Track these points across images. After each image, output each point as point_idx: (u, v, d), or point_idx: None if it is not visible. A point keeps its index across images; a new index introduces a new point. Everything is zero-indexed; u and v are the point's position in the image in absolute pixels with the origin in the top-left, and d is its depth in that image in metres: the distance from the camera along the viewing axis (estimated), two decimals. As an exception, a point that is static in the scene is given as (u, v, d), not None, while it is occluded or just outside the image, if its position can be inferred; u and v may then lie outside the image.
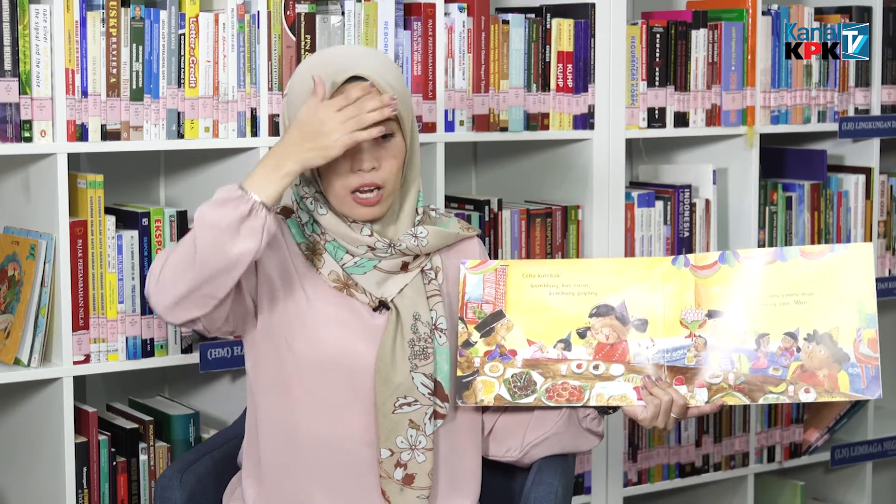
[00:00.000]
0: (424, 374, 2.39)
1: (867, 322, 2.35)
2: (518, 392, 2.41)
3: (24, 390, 2.94)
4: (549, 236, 3.39)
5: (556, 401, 2.40)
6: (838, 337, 2.35)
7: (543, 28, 3.32)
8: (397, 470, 2.37)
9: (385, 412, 2.36)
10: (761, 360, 2.37)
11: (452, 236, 2.49)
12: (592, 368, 2.40)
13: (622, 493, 3.55)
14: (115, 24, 2.83)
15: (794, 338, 2.36)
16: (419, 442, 2.38)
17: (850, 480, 4.03)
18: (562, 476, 2.49)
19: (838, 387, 2.35)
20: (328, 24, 3.04)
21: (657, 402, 2.37)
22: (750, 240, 3.66)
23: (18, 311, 2.85)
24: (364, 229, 2.40)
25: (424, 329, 2.40)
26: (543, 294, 2.42)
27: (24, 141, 2.78)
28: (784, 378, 2.36)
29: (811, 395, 2.35)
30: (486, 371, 2.41)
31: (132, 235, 2.91)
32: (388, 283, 2.42)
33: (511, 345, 2.42)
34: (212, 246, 2.22)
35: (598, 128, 3.41)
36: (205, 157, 3.13)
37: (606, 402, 2.40)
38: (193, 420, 3.08)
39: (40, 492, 2.95)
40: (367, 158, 2.35)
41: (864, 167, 3.88)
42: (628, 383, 2.39)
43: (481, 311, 2.43)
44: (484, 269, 2.45)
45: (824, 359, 2.35)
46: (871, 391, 2.34)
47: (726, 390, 2.37)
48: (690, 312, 2.39)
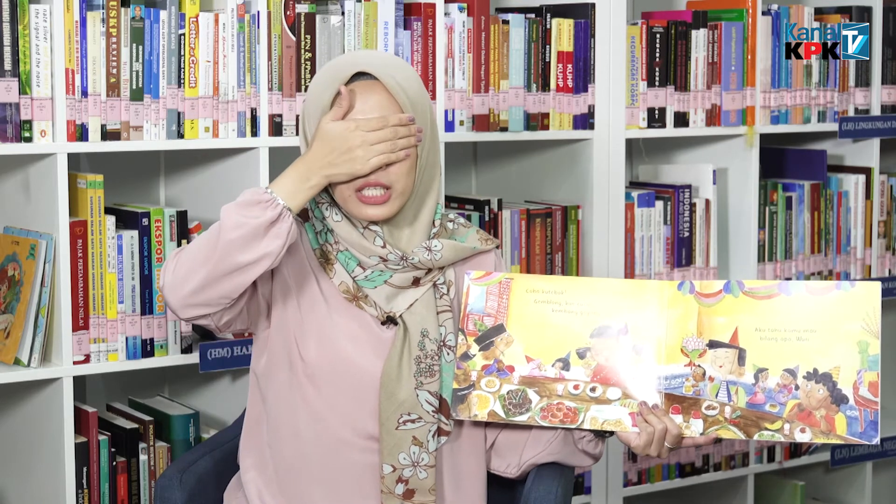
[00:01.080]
0: (429, 392, 2.36)
1: (869, 364, 2.30)
2: (512, 409, 2.37)
3: (24, 390, 2.94)
4: (549, 236, 3.39)
5: (550, 421, 2.37)
6: (838, 377, 2.30)
7: (543, 28, 3.32)
8: (398, 485, 2.36)
9: (389, 428, 2.34)
10: (758, 395, 2.32)
11: (468, 250, 2.45)
12: (589, 391, 2.36)
13: (622, 493, 3.55)
14: (115, 24, 2.83)
15: (794, 375, 2.31)
16: (422, 459, 2.36)
17: (850, 480, 4.03)
18: (561, 477, 2.49)
19: (835, 429, 2.29)
20: (328, 24, 3.04)
21: (650, 430, 2.33)
22: (750, 240, 3.66)
23: (18, 311, 2.85)
24: (377, 240, 2.37)
25: (432, 346, 2.38)
26: (546, 311, 2.39)
27: (24, 141, 2.78)
28: (780, 416, 2.31)
29: (807, 435, 2.30)
30: (482, 385, 2.38)
31: (132, 235, 2.91)
32: (398, 298, 2.39)
33: (509, 360, 2.38)
34: (235, 245, 2.23)
35: (598, 128, 3.41)
36: (205, 157, 3.13)
37: (601, 426, 2.36)
38: (193, 420, 3.08)
39: (40, 492, 2.95)
40: None
41: (864, 167, 3.88)
42: (624, 408, 2.35)
43: (482, 324, 2.40)
44: (488, 280, 2.41)
45: (822, 399, 2.30)
46: (868, 436, 2.29)
47: (722, 423, 2.33)
48: (692, 341, 2.35)
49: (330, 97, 2.33)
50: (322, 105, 2.33)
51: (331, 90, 2.33)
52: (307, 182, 2.27)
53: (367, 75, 2.33)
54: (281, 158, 2.99)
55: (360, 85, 2.33)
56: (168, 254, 2.93)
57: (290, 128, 3.02)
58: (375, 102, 2.32)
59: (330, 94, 2.33)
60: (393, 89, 2.32)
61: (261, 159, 3.00)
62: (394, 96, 2.32)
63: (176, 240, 2.94)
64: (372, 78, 2.33)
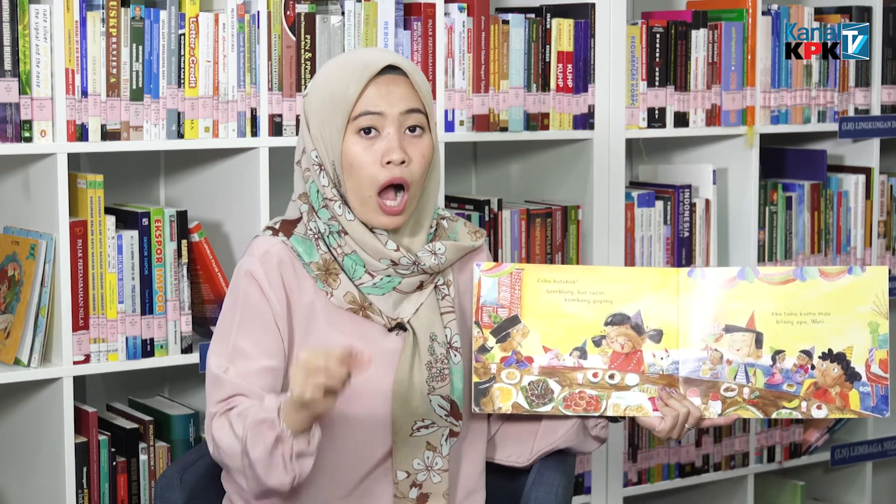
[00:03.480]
0: (441, 396, 2.35)
1: (879, 343, 2.41)
2: (536, 400, 2.40)
3: (24, 390, 2.94)
4: (549, 236, 3.38)
5: (574, 410, 2.40)
6: (851, 356, 2.41)
7: (543, 28, 3.32)
8: (412, 490, 2.35)
9: (403, 436, 2.33)
10: (776, 376, 2.40)
11: (467, 249, 2.43)
12: (608, 378, 2.40)
13: (622, 493, 3.55)
14: (115, 24, 2.83)
15: (810, 355, 2.41)
16: (435, 463, 2.35)
17: (850, 480, 4.03)
18: (562, 476, 2.49)
19: (849, 404, 2.40)
20: (328, 24, 3.04)
21: (675, 414, 2.37)
22: (750, 240, 3.66)
23: (18, 311, 2.85)
24: (389, 243, 2.32)
25: (441, 350, 2.36)
26: (559, 300, 2.41)
27: (24, 141, 2.78)
28: (797, 394, 2.40)
29: (823, 411, 2.41)
30: (502, 378, 2.40)
31: (132, 235, 2.91)
32: (403, 304, 2.36)
33: (527, 351, 2.40)
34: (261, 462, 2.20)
35: (598, 128, 3.41)
36: (205, 157, 3.13)
37: (623, 413, 2.40)
38: (193, 420, 3.08)
39: (40, 492, 2.95)
40: (398, 150, 2.28)
41: (864, 167, 3.88)
42: (643, 394, 2.40)
43: (497, 316, 2.41)
44: (499, 272, 2.42)
45: (837, 377, 2.41)
46: (879, 410, 2.41)
47: (740, 404, 2.40)
48: (708, 325, 2.40)
49: (357, 91, 2.28)
50: (348, 98, 2.28)
51: (357, 83, 2.28)
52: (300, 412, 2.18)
53: (393, 68, 2.31)
54: (281, 158, 3.00)
55: (385, 79, 2.30)
56: (168, 255, 2.92)
57: (290, 128, 3.02)
58: (401, 95, 2.30)
59: (357, 88, 2.28)
60: (417, 84, 2.32)
61: (261, 159, 3.00)
62: (417, 91, 2.32)
63: (176, 240, 2.94)
64: (399, 73, 2.31)
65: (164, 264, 2.93)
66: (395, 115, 2.29)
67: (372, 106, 2.29)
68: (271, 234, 2.36)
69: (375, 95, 2.29)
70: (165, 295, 2.94)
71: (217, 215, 3.13)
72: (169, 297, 2.94)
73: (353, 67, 2.31)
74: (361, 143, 2.30)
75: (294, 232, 2.35)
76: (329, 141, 2.31)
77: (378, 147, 2.29)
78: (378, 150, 2.29)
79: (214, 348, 2.32)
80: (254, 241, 2.37)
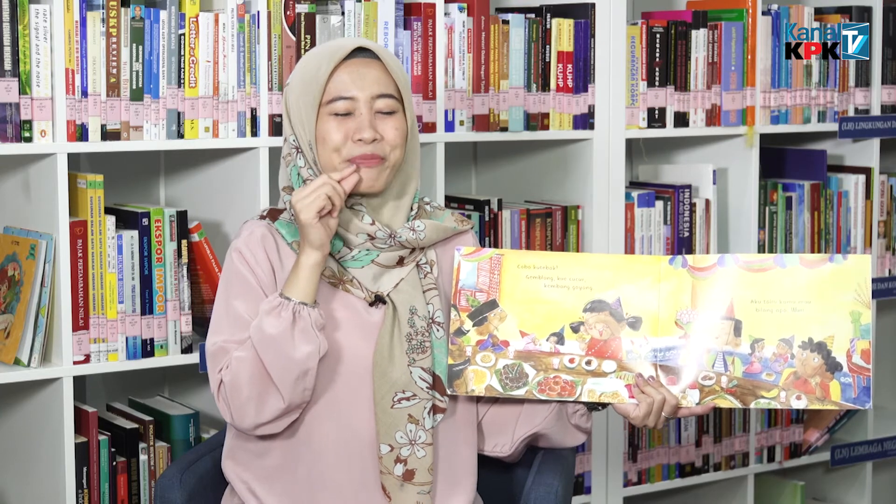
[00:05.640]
0: (422, 368, 2.38)
1: (861, 333, 2.37)
2: (509, 384, 2.40)
3: (24, 390, 2.94)
4: (549, 236, 3.39)
5: (548, 394, 2.40)
6: (832, 346, 2.37)
7: (543, 28, 3.32)
8: (397, 465, 2.37)
9: (384, 407, 2.36)
10: (755, 365, 2.37)
11: (449, 230, 2.48)
12: (585, 364, 2.40)
13: (622, 493, 3.55)
14: (115, 24, 2.83)
15: (789, 344, 2.37)
16: (419, 437, 2.38)
17: (850, 480, 4.03)
18: (562, 476, 2.49)
19: (829, 395, 2.36)
20: (328, 24, 3.04)
21: (650, 401, 2.37)
22: (750, 240, 3.66)
23: (18, 311, 2.85)
24: (364, 217, 2.40)
25: (421, 323, 2.40)
26: (538, 286, 2.42)
27: (24, 141, 2.78)
28: (776, 384, 2.37)
29: (802, 402, 2.37)
30: (477, 361, 2.41)
31: (132, 235, 2.91)
32: (383, 278, 2.42)
33: (503, 335, 2.41)
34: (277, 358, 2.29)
35: (598, 128, 3.41)
36: (205, 157, 3.13)
37: (598, 399, 2.40)
38: (193, 420, 3.08)
39: (40, 492, 2.95)
40: (368, 128, 2.36)
41: (864, 167, 3.88)
42: (620, 380, 2.39)
43: (474, 300, 2.42)
44: (479, 256, 2.44)
45: (817, 367, 2.37)
46: (861, 401, 2.36)
47: (718, 393, 2.38)
48: (686, 313, 2.39)
49: (327, 71, 2.36)
50: (319, 78, 2.36)
51: (328, 64, 2.36)
52: (299, 269, 2.33)
53: (365, 52, 2.39)
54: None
55: (357, 62, 2.38)
56: (168, 255, 2.93)
57: (290, 128, 3.02)
58: (374, 78, 2.38)
59: (327, 69, 2.36)
60: (391, 67, 2.39)
61: (261, 159, 3.00)
62: (390, 73, 2.39)
63: (176, 240, 2.94)
64: (372, 56, 2.39)
65: (164, 264, 2.93)
66: (367, 99, 2.37)
67: (344, 91, 2.37)
68: (258, 218, 2.47)
69: (348, 80, 2.37)
70: (165, 295, 2.94)
71: (217, 215, 3.13)
72: (169, 297, 2.94)
73: (326, 52, 2.40)
74: (335, 121, 2.38)
75: (280, 217, 2.45)
76: (305, 122, 2.39)
77: (350, 125, 2.37)
78: (350, 128, 2.37)
79: (211, 330, 2.41)
80: (242, 226, 2.48)
